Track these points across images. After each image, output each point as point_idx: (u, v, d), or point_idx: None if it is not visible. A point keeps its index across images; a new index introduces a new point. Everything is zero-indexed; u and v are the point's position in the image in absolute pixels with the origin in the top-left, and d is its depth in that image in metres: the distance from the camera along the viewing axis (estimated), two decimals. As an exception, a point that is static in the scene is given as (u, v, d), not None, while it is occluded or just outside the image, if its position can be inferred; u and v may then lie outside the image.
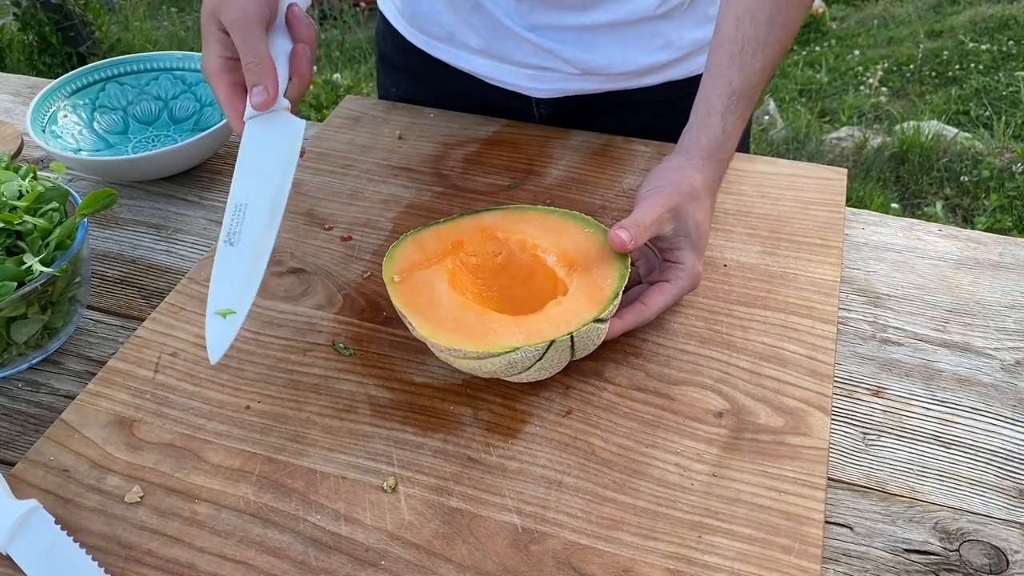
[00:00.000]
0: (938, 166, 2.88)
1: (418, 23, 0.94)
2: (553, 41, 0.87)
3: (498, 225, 0.69)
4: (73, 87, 0.94)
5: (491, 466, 0.59)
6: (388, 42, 1.01)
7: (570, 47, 0.87)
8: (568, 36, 0.86)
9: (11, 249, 0.65)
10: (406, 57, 0.98)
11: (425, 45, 0.95)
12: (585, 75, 0.89)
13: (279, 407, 0.63)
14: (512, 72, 0.91)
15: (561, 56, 0.87)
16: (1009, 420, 0.64)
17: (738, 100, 0.69)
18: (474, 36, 0.90)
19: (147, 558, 0.54)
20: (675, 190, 0.66)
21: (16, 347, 0.66)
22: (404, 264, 0.66)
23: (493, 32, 0.88)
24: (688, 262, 0.67)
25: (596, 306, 0.61)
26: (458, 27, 0.90)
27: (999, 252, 0.78)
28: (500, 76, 0.92)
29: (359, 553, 0.54)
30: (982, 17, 4.01)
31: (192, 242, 0.82)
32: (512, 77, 0.91)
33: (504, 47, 0.89)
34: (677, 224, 0.66)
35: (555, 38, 0.87)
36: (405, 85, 1.01)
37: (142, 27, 4.04)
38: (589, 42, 0.87)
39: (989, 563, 0.55)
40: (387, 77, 1.04)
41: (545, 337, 0.58)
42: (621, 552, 0.53)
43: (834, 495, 0.59)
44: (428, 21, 0.92)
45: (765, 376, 0.64)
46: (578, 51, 0.87)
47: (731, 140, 0.70)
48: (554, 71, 0.89)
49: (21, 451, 0.62)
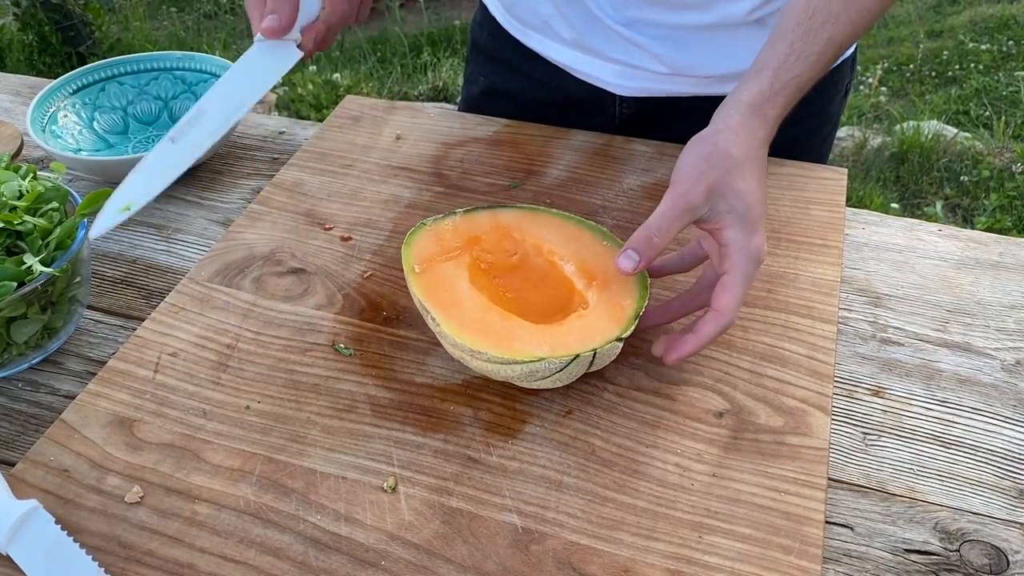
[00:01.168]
0: (938, 166, 2.88)
1: (515, 11, 0.95)
2: (645, 36, 0.86)
3: (515, 224, 0.69)
4: (73, 87, 0.94)
5: (491, 466, 0.59)
6: (483, 30, 1.02)
7: (661, 44, 0.86)
8: (660, 33, 0.86)
9: (11, 249, 0.65)
10: (499, 45, 0.99)
11: (520, 34, 0.96)
12: (673, 76, 0.88)
13: (279, 407, 0.63)
14: (600, 67, 0.91)
15: (652, 52, 0.87)
16: (1009, 420, 0.64)
17: (796, 62, 0.64)
18: (567, 27, 0.90)
19: (147, 558, 0.54)
20: (706, 165, 0.60)
21: (16, 347, 0.66)
22: (423, 254, 0.65)
23: (586, 24, 0.88)
24: (738, 241, 0.59)
25: (618, 325, 0.60)
26: (553, 17, 0.90)
27: (999, 252, 0.78)
28: (588, 70, 0.92)
29: (359, 553, 0.54)
30: (982, 17, 4.01)
31: (192, 242, 0.82)
32: (600, 72, 0.91)
33: (596, 40, 0.89)
34: (714, 202, 0.59)
35: (647, 34, 0.86)
36: (494, 74, 1.02)
37: (142, 27, 4.04)
38: (681, 41, 0.86)
39: (989, 563, 0.55)
40: (477, 66, 1.06)
41: (570, 350, 0.58)
42: (621, 552, 0.53)
43: (834, 495, 0.59)
44: (525, 10, 0.93)
45: (765, 376, 0.64)
46: (669, 49, 0.86)
47: (780, 98, 0.64)
48: (642, 69, 0.89)
49: (21, 451, 0.62)
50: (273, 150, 0.95)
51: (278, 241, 0.78)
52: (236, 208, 0.85)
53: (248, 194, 0.87)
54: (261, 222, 0.80)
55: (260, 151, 0.94)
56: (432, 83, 3.55)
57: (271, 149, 0.95)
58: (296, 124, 1.00)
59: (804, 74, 0.65)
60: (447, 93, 3.47)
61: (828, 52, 0.65)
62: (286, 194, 0.84)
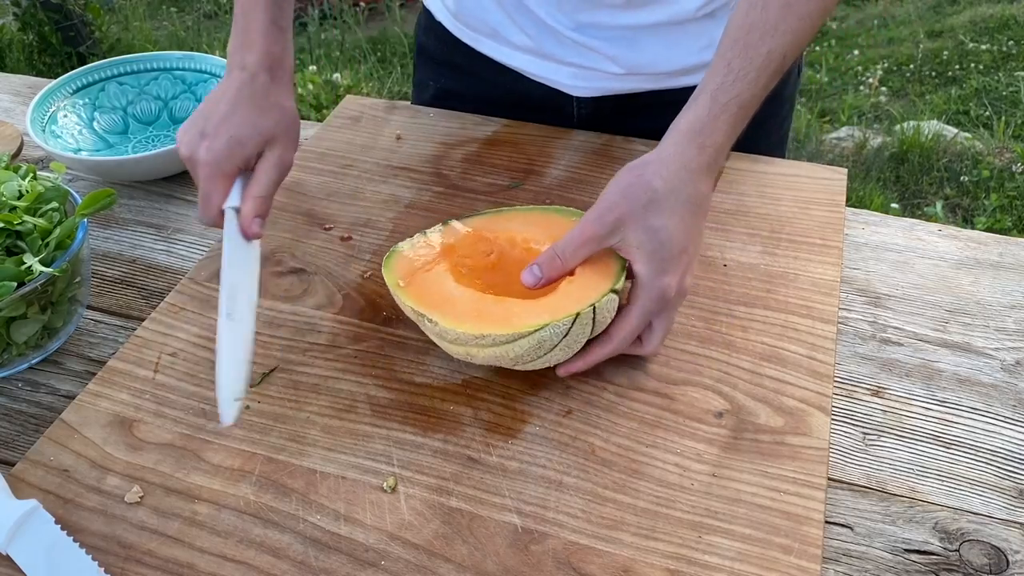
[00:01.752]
0: (938, 166, 2.88)
1: (464, 18, 0.94)
2: (597, 39, 0.86)
3: (485, 226, 0.70)
4: (73, 87, 0.94)
5: (491, 466, 0.59)
6: (430, 36, 1.01)
7: (614, 45, 0.87)
8: (612, 34, 0.86)
9: (11, 249, 0.65)
10: (448, 51, 0.98)
11: (470, 40, 0.95)
12: (627, 75, 0.89)
13: (279, 407, 0.63)
14: (555, 69, 0.91)
15: (605, 54, 0.87)
16: (1009, 420, 0.64)
17: (734, 82, 0.63)
18: (519, 33, 0.90)
19: (147, 558, 0.54)
20: (621, 196, 0.61)
21: (16, 347, 0.66)
22: (403, 271, 0.66)
23: (538, 30, 0.88)
24: (644, 277, 0.60)
25: (607, 279, 0.61)
26: (504, 24, 0.90)
27: (999, 252, 0.78)
28: (543, 73, 0.92)
29: (359, 553, 0.54)
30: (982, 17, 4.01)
31: (192, 242, 0.82)
32: (555, 74, 0.91)
33: (548, 45, 0.89)
34: (624, 235, 0.60)
35: (599, 36, 0.86)
36: (445, 79, 1.01)
37: (142, 27, 4.04)
38: (633, 40, 0.87)
39: (989, 563, 0.55)
40: (426, 71, 1.05)
41: (570, 311, 0.59)
42: (621, 552, 0.53)
43: (834, 495, 0.59)
44: (474, 17, 0.93)
45: (765, 376, 0.64)
46: (622, 49, 0.87)
47: (720, 123, 0.63)
48: (597, 70, 0.89)
49: (21, 451, 0.62)
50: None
51: (278, 241, 0.78)
52: (236, 208, 0.85)
53: (248, 194, 0.87)
54: (261, 222, 0.80)
55: (260, 151, 0.94)
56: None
57: (271, 149, 0.95)
58: (296, 124, 1.00)
59: (745, 93, 0.63)
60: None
61: (770, 66, 0.64)
62: (286, 194, 0.84)
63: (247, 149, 0.67)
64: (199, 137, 0.68)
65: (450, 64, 0.99)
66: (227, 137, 0.67)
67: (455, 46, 0.97)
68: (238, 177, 0.68)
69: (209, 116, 0.69)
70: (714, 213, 0.79)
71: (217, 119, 0.68)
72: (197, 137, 0.68)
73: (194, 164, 0.68)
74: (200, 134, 0.68)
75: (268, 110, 0.69)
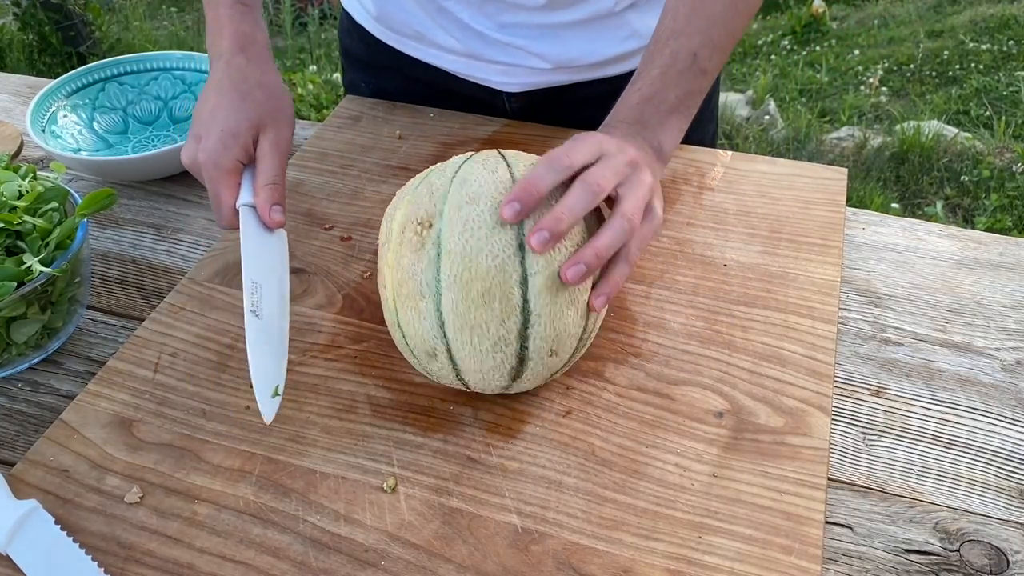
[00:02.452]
0: (938, 166, 2.88)
1: (386, 21, 0.94)
2: (522, 38, 0.88)
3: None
4: (73, 87, 0.94)
5: (491, 466, 0.59)
6: (353, 38, 1.01)
7: (539, 42, 0.88)
8: (536, 33, 0.87)
9: (11, 249, 0.65)
10: (373, 53, 0.98)
11: (394, 42, 0.95)
12: (555, 69, 0.90)
13: (279, 407, 0.63)
14: (482, 68, 0.92)
15: (531, 51, 0.88)
16: (1009, 420, 0.64)
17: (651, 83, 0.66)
18: (443, 35, 0.90)
19: (147, 558, 0.54)
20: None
21: (16, 347, 0.66)
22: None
23: (463, 33, 0.89)
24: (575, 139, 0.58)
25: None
26: (428, 27, 0.91)
27: (999, 252, 0.78)
28: (471, 72, 0.93)
29: (359, 553, 0.54)
30: (982, 17, 4.01)
31: (192, 242, 0.82)
32: (483, 72, 0.92)
33: (475, 46, 0.90)
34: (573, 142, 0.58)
35: (524, 35, 0.88)
36: (375, 79, 1.01)
37: (142, 27, 4.04)
38: (558, 37, 0.88)
39: (989, 563, 0.55)
40: (355, 73, 1.04)
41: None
42: (621, 552, 0.53)
43: (834, 495, 0.59)
44: (396, 20, 0.93)
45: (765, 376, 0.64)
46: (547, 46, 0.88)
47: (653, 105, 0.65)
48: (524, 67, 0.90)
49: (21, 451, 0.62)
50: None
51: (278, 241, 0.78)
52: (236, 208, 0.85)
53: (248, 194, 0.87)
54: (261, 222, 0.80)
55: (260, 151, 0.94)
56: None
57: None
58: (296, 124, 1.00)
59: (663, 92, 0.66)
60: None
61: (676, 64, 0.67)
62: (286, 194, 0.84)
63: (240, 138, 0.67)
64: (195, 141, 0.68)
65: (376, 66, 1.00)
66: (218, 132, 0.66)
67: (378, 48, 0.97)
68: (244, 173, 0.68)
69: (199, 116, 0.69)
70: (714, 213, 0.79)
71: (206, 117, 0.68)
72: (194, 142, 0.68)
73: (196, 169, 0.68)
74: (195, 138, 0.68)
75: (250, 92, 0.68)
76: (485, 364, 0.57)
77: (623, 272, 0.58)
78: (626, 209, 0.57)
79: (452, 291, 0.55)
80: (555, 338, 0.57)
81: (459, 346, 0.56)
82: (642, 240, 0.59)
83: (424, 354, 0.58)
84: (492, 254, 0.55)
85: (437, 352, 0.57)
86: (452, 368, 0.58)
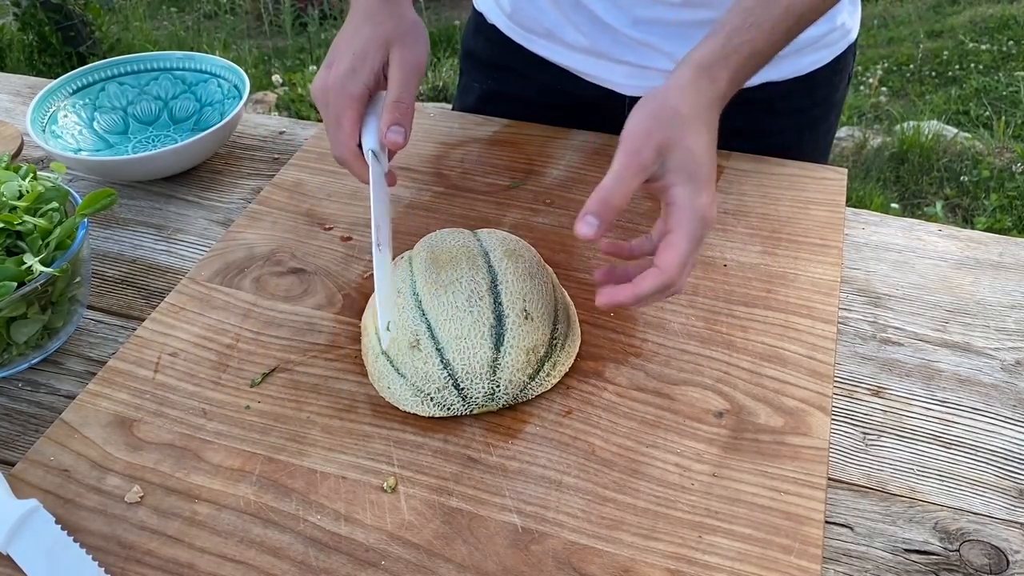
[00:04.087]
0: (938, 166, 2.88)
1: (518, 19, 0.94)
2: (654, 36, 0.86)
3: None
4: (73, 87, 0.94)
5: (491, 466, 0.59)
6: (479, 38, 1.01)
7: (671, 41, 0.86)
8: (669, 31, 0.86)
9: (11, 249, 0.65)
10: (500, 52, 0.98)
11: (524, 40, 0.95)
12: None
13: (279, 407, 0.63)
14: (610, 68, 0.91)
15: (662, 50, 0.87)
16: (1009, 420, 0.64)
17: (750, 28, 0.63)
18: (575, 32, 0.90)
19: (147, 558, 0.54)
20: (655, 122, 0.59)
21: (16, 347, 0.66)
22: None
23: (593, 28, 0.88)
24: (685, 198, 0.57)
25: None
26: (559, 23, 0.90)
27: (999, 252, 0.78)
28: (597, 72, 0.92)
29: (359, 553, 0.54)
30: (982, 17, 4.01)
31: (192, 242, 0.82)
32: (609, 74, 0.91)
33: (604, 43, 0.89)
34: (664, 159, 0.58)
35: (656, 32, 0.86)
36: (493, 81, 1.01)
37: (142, 27, 4.04)
38: (690, 37, 0.84)
39: (989, 563, 0.55)
40: (473, 75, 1.04)
41: None
42: (621, 552, 0.53)
43: (834, 495, 0.59)
44: (529, 17, 0.93)
45: (765, 376, 0.64)
46: (679, 46, 0.85)
47: (731, 61, 0.63)
48: (652, 68, 0.89)
49: (21, 451, 0.62)
50: (273, 150, 0.95)
51: (278, 241, 0.78)
52: (236, 208, 0.85)
53: (248, 194, 0.87)
54: (261, 222, 0.80)
55: (260, 151, 0.94)
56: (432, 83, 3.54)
57: (271, 149, 0.95)
58: (296, 124, 1.00)
59: (758, 39, 0.64)
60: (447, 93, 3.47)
61: (787, 20, 0.65)
62: (286, 194, 0.84)
63: (368, 60, 0.67)
64: (325, 69, 0.68)
65: (499, 66, 1.00)
66: (349, 55, 0.67)
67: (506, 47, 0.97)
68: (371, 113, 0.68)
69: (334, 50, 0.69)
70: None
71: (341, 48, 0.68)
72: (323, 70, 0.68)
73: (324, 97, 0.67)
74: (327, 66, 0.68)
75: (385, 20, 0.69)
76: (464, 324, 0.60)
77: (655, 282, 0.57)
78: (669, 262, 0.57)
79: (424, 269, 0.64)
80: (524, 296, 0.63)
81: (437, 313, 0.60)
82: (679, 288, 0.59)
83: (408, 348, 0.61)
84: (454, 240, 0.67)
85: (420, 337, 0.61)
86: (436, 352, 0.60)
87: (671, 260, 0.56)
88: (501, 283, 0.63)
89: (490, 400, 0.61)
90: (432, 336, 0.61)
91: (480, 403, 0.61)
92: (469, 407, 0.61)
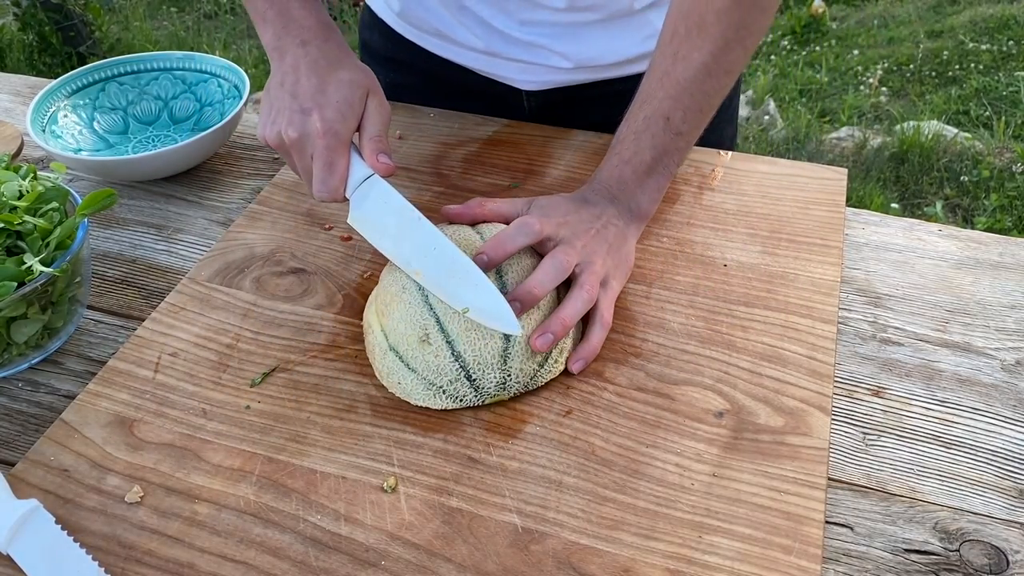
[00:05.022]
0: (938, 166, 2.88)
1: (408, 18, 0.95)
2: (543, 37, 0.88)
3: None
4: (73, 87, 0.94)
5: (491, 466, 0.59)
6: (374, 33, 1.02)
7: (560, 41, 0.88)
8: (557, 31, 0.88)
9: (11, 249, 0.65)
10: (394, 47, 0.99)
11: (416, 38, 0.96)
12: (575, 68, 0.90)
13: (279, 407, 0.63)
14: (503, 65, 0.92)
15: (552, 50, 0.89)
16: (1009, 420, 0.64)
17: (629, 146, 0.72)
18: (465, 32, 0.91)
19: (147, 558, 0.54)
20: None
21: (16, 347, 0.66)
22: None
23: (484, 30, 0.89)
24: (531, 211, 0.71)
25: None
26: (450, 24, 0.91)
27: (999, 252, 0.78)
28: (491, 69, 0.93)
29: (359, 553, 0.54)
30: (982, 17, 4.01)
31: (192, 242, 0.82)
32: (503, 70, 0.92)
33: (496, 44, 0.90)
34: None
35: (544, 34, 0.88)
36: (393, 73, 1.01)
37: (142, 27, 4.04)
38: (578, 35, 0.88)
39: (989, 563, 0.55)
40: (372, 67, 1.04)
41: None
42: (621, 552, 0.53)
43: (834, 495, 0.59)
44: (418, 17, 0.93)
45: (765, 376, 0.64)
46: (567, 45, 0.88)
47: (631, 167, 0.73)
48: (545, 65, 0.90)
49: (21, 451, 0.62)
50: (273, 150, 0.94)
51: (278, 241, 0.78)
52: (236, 208, 0.86)
53: (248, 194, 0.87)
54: (261, 222, 0.80)
55: (260, 151, 0.94)
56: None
57: (271, 149, 0.95)
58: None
59: (643, 154, 0.73)
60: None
61: (652, 126, 0.72)
62: (286, 194, 0.84)
63: (356, 107, 0.68)
64: (301, 115, 0.68)
65: (395, 60, 1.00)
66: (335, 102, 0.67)
67: (399, 43, 0.97)
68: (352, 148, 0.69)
69: (296, 95, 0.69)
70: (714, 213, 0.79)
71: (311, 92, 0.68)
72: (298, 116, 0.68)
73: (304, 142, 0.68)
74: (300, 112, 0.68)
75: (351, 67, 0.71)
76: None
77: (599, 336, 0.65)
78: (583, 281, 0.65)
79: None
80: (524, 274, 0.65)
81: (445, 306, 0.61)
82: (609, 303, 0.67)
83: (417, 342, 0.61)
84: (456, 235, 0.68)
85: (429, 331, 0.61)
86: (446, 345, 0.61)
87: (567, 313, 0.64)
88: (506, 273, 0.65)
89: (502, 389, 0.61)
90: (441, 329, 0.61)
91: (492, 393, 0.61)
92: (481, 397, 0.61)
